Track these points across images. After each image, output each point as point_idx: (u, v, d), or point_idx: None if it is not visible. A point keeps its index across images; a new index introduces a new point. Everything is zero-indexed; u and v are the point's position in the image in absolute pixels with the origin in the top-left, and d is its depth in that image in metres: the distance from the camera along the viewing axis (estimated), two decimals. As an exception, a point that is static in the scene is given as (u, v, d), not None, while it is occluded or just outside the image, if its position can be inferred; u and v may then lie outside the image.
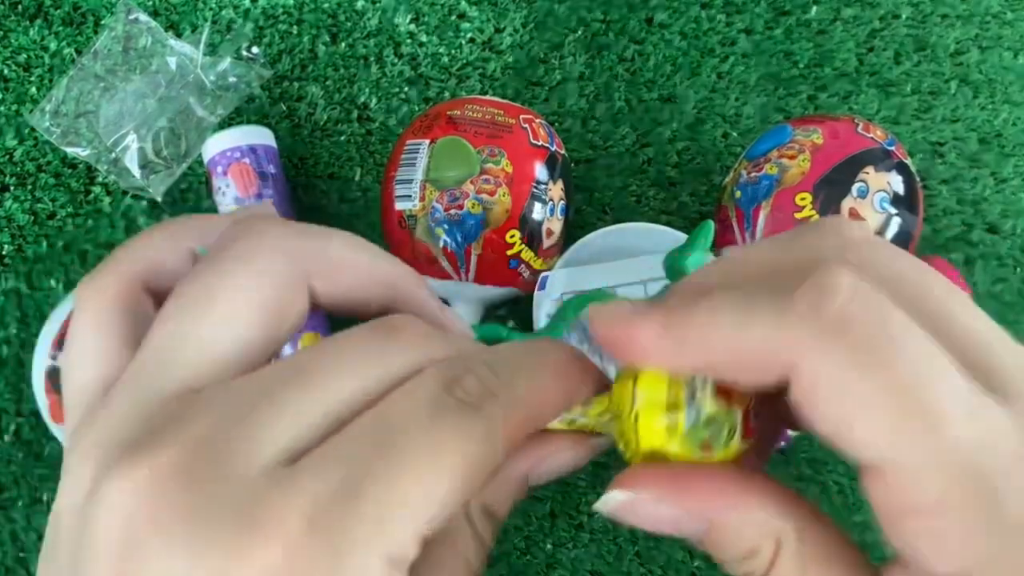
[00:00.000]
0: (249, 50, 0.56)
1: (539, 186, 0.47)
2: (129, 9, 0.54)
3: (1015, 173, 0.56)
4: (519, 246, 0.48)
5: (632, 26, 0.57)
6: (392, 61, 0.57)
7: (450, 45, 0.57)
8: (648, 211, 0.56)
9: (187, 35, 0.56)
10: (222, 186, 0.51)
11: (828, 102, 0.57)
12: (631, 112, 0.57)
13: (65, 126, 0.54)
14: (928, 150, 0.57)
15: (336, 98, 0.57)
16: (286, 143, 0.56)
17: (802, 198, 0.46)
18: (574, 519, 0.52)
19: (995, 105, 0.57)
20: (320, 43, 0.57)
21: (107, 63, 0.54)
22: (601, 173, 0.56)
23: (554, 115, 0.57)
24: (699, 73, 0.57)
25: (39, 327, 0.54)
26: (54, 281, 0.54)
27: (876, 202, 0.45)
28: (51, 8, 0.57)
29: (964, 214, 0.56)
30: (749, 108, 0.57)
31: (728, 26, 0.57)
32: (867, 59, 0.57)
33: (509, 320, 0.55)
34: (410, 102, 0.57)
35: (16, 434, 0.53)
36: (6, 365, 0.53)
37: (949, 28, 0.58)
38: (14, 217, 0.55)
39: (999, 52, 0.58)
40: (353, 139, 0.56)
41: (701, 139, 0.56)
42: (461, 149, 0.47)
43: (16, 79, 0.56)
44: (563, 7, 0.58)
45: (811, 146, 0.47)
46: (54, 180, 0.55)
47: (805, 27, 0.58)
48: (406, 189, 0.48)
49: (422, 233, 0.48)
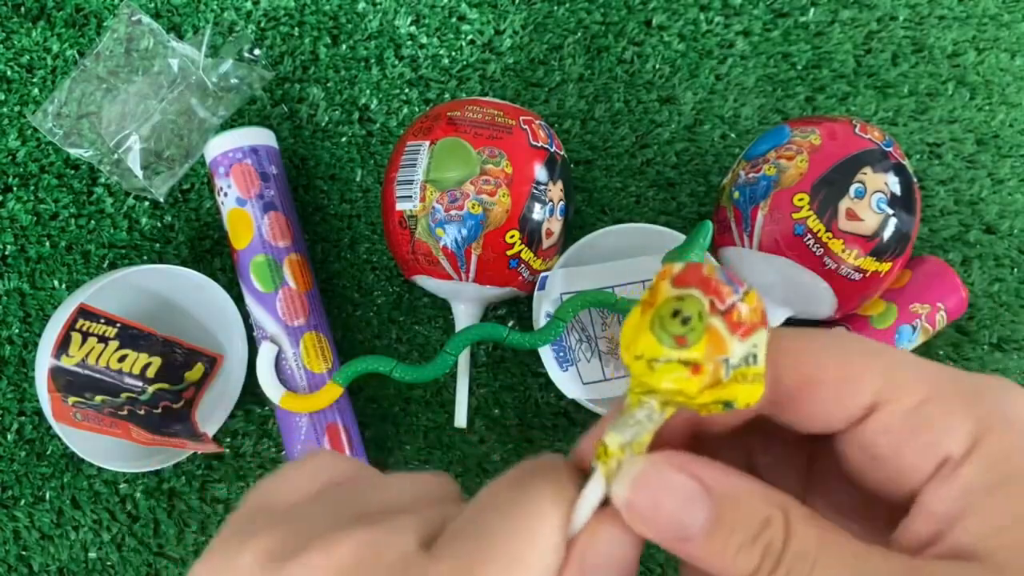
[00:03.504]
0: (251, 52, 0.56)
1: (539, 187, 0.48)
2: (131, 11, 0.54)
3: (1012, 174, 0.57)
4: (519, 246, 0.48)
5: (631, 28, 0.58)
6: (393, 63, 0.57)
7: (450, 47, 0.58)
8: (647, 211, 0.56)
9: (189, 37, 0.57)
10: (224, 186, 0.52)
11: (826, 103, 0.57)
12: (630, 113, 0.57)
13: (68, 127, 0.54)
14: (925, 151, 0.57)
15: (337, 99, 0.57)
16: (288, 144, 0.56)
17: (800, 199, 0.46)
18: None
19: (992, 106, 0.57)
20: (321, 45, 0.57)
21: (109, 64, 0.54)
22: (600, 174, 0.56)
23: (554, 116, 0.57)
24: (698, 75, 0.57)
25: (42, 327, 0.54)
26: (57, 281, 0.54)
27: (874, 203, 0.46)
28: (54, 10, 0.57)
29: (961, 214, 0.56)
30: (747, 109, 0.57)
31: (726, 28, 0.58)
32: (865, 61, 0.58)
33: (509, 320, 0.55)
34: (411, 103, 0.57)
35: (19, 433, 0.53)
36: (9, 364, 0.54)
37: (946, 30, 0.58)
38: (17, 217, 0.55)
39: (996, 54, 0.58)
40: (354, 140, 0.57)
41: (700, 140, 0.57)
42: (461, 150, 0.47)
43: (19, 80, 0.56)
44: (562, 9, 0.58)
45: (809, 147, 0.47)
46: (57, 181, 0.55)
47: (803, 29, 0.58)
48: (407, 190, 0.48)
49: (422, 233, 0.48)
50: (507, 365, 0.54)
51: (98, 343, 0.49)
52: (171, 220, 0.55)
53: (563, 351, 0.50)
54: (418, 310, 0.55)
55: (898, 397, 0.19)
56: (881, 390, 0.19)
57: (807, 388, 0.20)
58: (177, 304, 0.53)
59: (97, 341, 0.49)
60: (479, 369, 0.54)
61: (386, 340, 0.55)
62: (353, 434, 0.50)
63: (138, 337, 0.50)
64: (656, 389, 0.19)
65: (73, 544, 0.52)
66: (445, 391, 0.54)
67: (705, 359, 0.19)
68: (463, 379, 0.51)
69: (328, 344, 0.51)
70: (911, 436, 0.19)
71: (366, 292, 0.55)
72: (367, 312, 0.55)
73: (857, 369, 0.20)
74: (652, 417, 0.20)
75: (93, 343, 0.49)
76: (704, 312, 0.19)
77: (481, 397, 0.54)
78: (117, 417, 0.49)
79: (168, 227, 0.55)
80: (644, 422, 0.20)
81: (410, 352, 0.55)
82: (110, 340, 0.49)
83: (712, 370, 0.19)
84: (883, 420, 0.19)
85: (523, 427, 0.54)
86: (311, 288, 0.52)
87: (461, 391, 0.51)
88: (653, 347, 0.19)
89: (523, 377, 0.54)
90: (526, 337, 0.48)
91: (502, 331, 0.48)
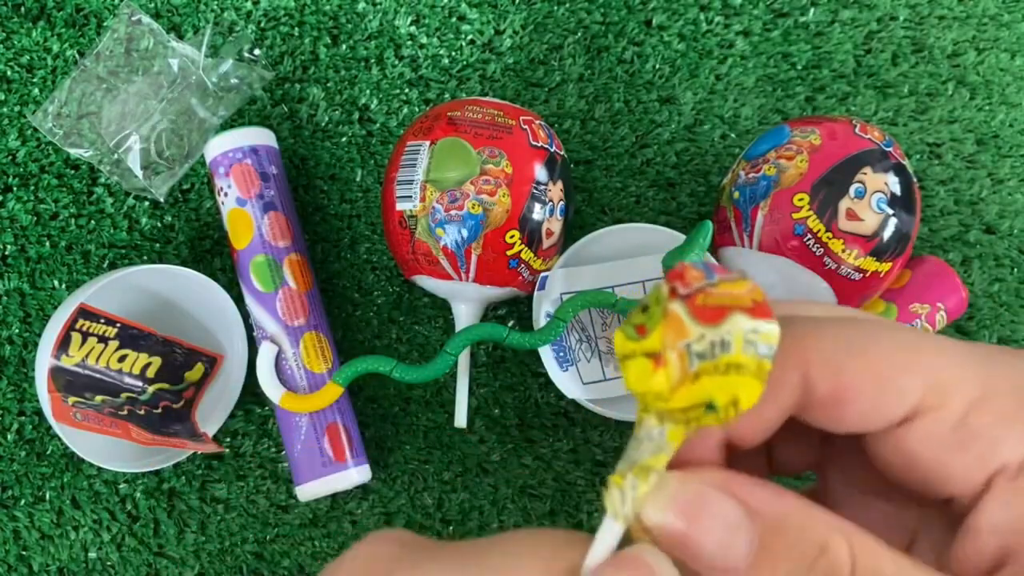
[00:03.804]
0: (251, 52, 0.56)
1: (539, 187, 0.48)
2: (131, 11, 0.54)
3: (1012, 174, 0.57)
4: (519, 246, 0.48)
5: (631, 28, 0.58)
6: (393, 63, 0.57)
7: (450, 47, 0.58)
8: (647, 212, 0.56)
9: (189, 37, 0.57)
10: (224, 187, 0.52)
11: (826, 103, 0.57)
12: (630, 113, 0.57)
13: (68, 127, 0.54)
14: (925, 151, 0.57)
15: (337, 99, 0.57)
16: (288, 144, 0.56)
17: (800, 199, 0.46)
18: (574, 517, 0.53)
19: (992, 106, 0.57)
20: (321, 45, 0.57)
21: (109, 64, 0.54)
22: (600, 174, 0.56)
23: (554, 116, 0.57)
24: (697, 75, 0.57)
25: (42, 327, 0.54)
26: (57, 281, 0.54)
27: (874, 203, 0.46)
28: (54, 10, 0.57)
29: (961, 215, 0.56)
30: (747, 109, 0.57)
31: (726, 28, 0.58)
32: (865, 61, 0.58)
33: (509, 320, 0.55)
34: (411, 103, 0.57)
35: (19, 433, 0.53)
36: (9, 364, 0.54)
37: (946, 30, 0.58)
38: (17, 217, 0.55)
39: (996, 54, 0.58)
40: (354, 140, 0.57)
41: (699, 140, 0.57)
42: (461, 150, 0.47)
43: (19, 80, 0.56)
44: (562, 9, 0.58)
45: (809, 147, 0.47)
46: (57, 181, 0.55)
47: (803, 29, 0.58)
48: (407, 190, 0.48)
49: (422, 233, 0.48)
50: (507, 365, 0.54)
51: (98, 343, 0.49)
52: (171, 220, 0.55)
53: (563, 351, 0.50)
54: (418, 310, 0.55)
55: (943, 403, 0.17)
56: (924, 396, 0.17)
57: (843, 397, 0.18)
58: (177, 304, 0.53)
59: (97, 341, 0.49)
60: (479, 369, 0.54)
61: (386, 340, 0.55)
62: (353, 434, 0.50)
63: (138, 337, 0.50)
64: (632, 391, 0.18)
65: (73, 544, 0.52)
66: (445, 391, 0.54)
67: (664, 346, 0.17)
68: (463, 379, 0.51)
69: (328, 344, 0.51)
70: (959, 447, 0.17)
71: (366, 292, 0.55)
72: (367, 312, 0.55)
73: (897, 373, 0.18)
74: (652, 436, 0.18)
75: (93, 343, 0.49)
76: (662, 296, 0.17)
77: (481, 397, 0.54)
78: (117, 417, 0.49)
79: (168, 227, 0.55)
80: (645, 442, 0.18)
81: (410, 352, 0.55)
82: (110, 340, 0.49)
83: (675, 360, 0.17)
84: (926, 428, 0.17)
85: (523, 427, 0.54)
86: (311, 288, 0.52)
87: (461, 391, 0.51)
88: (621, 342, 0.18)
89: (523, 377, 0.54)
90: (526, 337, 0.48)
91: (502, 331, 0.48)
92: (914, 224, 0.47)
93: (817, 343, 0.18)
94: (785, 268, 0.47)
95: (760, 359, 0.17)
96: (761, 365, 0.17)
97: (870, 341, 0.18)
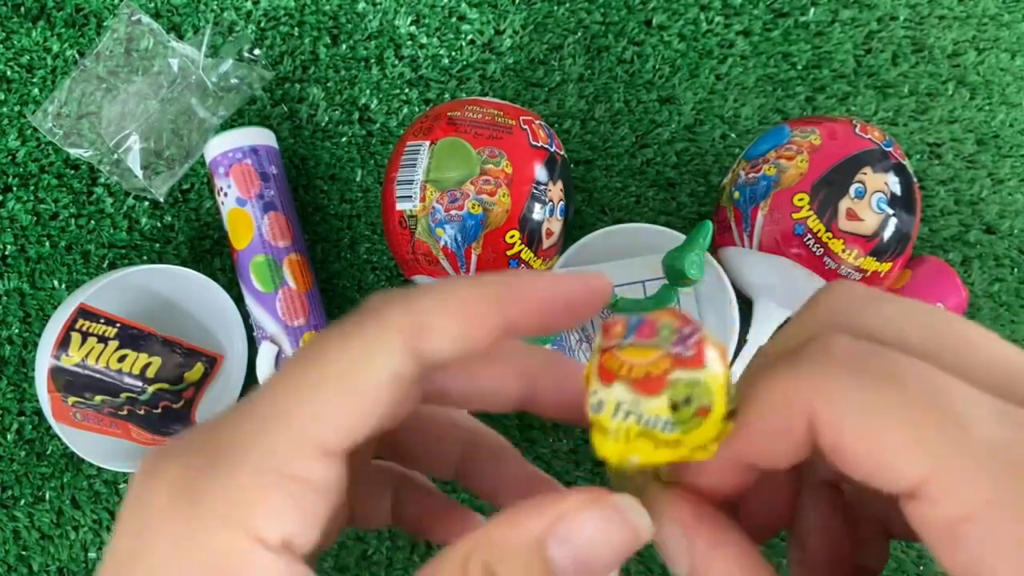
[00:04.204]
0: (251, 52, 0.56)
1: (539, 187, 0.48)
2: (131, 11, 0.54)
3: (1012, 174, 0.57)
4: (519, 246, 0.48)
5: (631, 28, 0.58)
6: (393, 63, 0.57)
7: (450, 47, 0.58)
8: (647, 211, 0.56)
9: (189, 37, 0.57)
10: (224, 186, 0.52)
11: (826, 103, 0.57)
12: (630, 113, 0.57)
13: (67, 127, 0.54)
14: (925, 151, 0.57)
15: (337, 99, 0.57)
16: (288, 144, 0.56)
17: (800, 199, 0.46)
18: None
19: (992, 106, 0.57)
20: (321, 45, 0.57)
21: (109, 64, 0.54)
22: (600, 174, 0.56)
23: (554, 116, 0.57)
24: (698, 75, 0.57)
25: (42, 327, 0.54)
26: (56, 281, 0.54)
27: (874, 203, 0.46)
28: (54, 10, 0.57)
29: (961, 214, 0.56)
30: (747, 109, 0.57)
31: (726, 28, 0.58)
32: (865, 60, 0.58)
33: (509, 320, 0.55)
34: (411, 103, 0.57)
35: (18, 433, 0.53)
36: (9, 364, 0.54)
37: (946, 30, 0.58)
38: (17, 217, 0.55)
39: (996, 54, 0.58)
40: (354, 140, 0.57)
41: (700, 140, 0.57)
42: (461, 150, 0.47)
43: (19, 80, 0.56)
44: (562, 9, 0.58)
45: (809, 147, 0.47)
46: (56, 181, 0.55)
47: (803, 29, 0.58)
48: (407, 190, 0.48)
49: (422, 233, 0.48)
50: (507, 365, 0.54)
51: (98, 343, 0.49)
52: (171, 220, 0.55)
53: (563, 351, 0.50)
54: (418, 310, 0.55)
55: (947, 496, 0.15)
56: (927, 479, 0.15)
57: (842, 459, 0.17)
58: (177, 304, 0.53)
59: (97, 341, 0.49)
60: (479, 369, 0.54)
61: (386, 340, 0.55)
62: (353, 434, 0.50)
63: (138, 337, 0.50)
64: None
65: (73, 544, 0.52)
66: (445, 391, 0.54)
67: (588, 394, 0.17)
68: (463, 379, 0.51)
69: (328, 344, 0.51)
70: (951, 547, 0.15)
71: (366, 292, 0.55)
72: (367, 312, 0.55)
73: (893, 456, 0.16)
74: (624, 475, 0.18)
75: (93, 343, 0.49)
76: (596, 343, 0.18)
77: (481, 397, 0.54)
78: (117, 417, 0.49)
79: (168, 227, 0.55)
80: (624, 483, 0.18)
81: (410, 352, 0.55)
82: (110, 340, 0.49)
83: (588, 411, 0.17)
84: (923, 512, 0.16)
85: (523, 427, 0.54)
86: (311, 288, 0.52)
87: (461, 391, 0.51)
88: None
89: (523, 377, 0.54)
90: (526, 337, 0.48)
91: (502, 331, 0.48)
92: (914, 224, 0.47)
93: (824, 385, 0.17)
94: (785, 268, 0.47)
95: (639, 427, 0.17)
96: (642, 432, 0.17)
97: (879, 400, 0.16)
